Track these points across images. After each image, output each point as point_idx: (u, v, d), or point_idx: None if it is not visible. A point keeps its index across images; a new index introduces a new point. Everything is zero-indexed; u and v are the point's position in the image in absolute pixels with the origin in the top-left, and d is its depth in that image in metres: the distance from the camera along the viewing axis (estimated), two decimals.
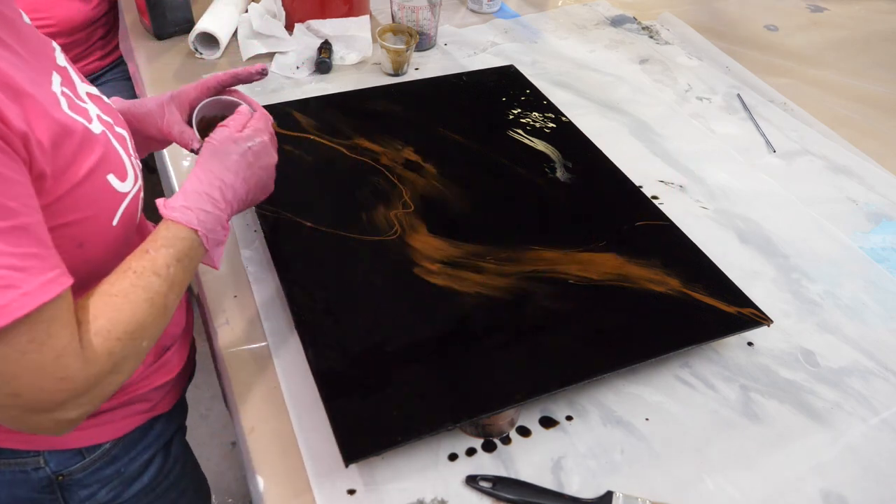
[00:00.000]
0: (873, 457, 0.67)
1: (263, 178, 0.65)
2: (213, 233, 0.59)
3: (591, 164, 0.95)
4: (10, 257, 0.44)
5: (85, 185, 0.52)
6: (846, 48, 1.36)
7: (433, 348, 0.69)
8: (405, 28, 1.18)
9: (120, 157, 0.57)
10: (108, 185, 0.55)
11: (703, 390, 0.71)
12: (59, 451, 0.65)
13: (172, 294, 0.55)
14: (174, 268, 0.55)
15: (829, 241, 0.90)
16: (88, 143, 0.53)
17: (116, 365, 0.51)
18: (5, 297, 0.43)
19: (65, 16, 1.25)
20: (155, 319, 0.54)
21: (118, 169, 0.56)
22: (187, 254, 0.57)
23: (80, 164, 0.52)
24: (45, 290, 0.45)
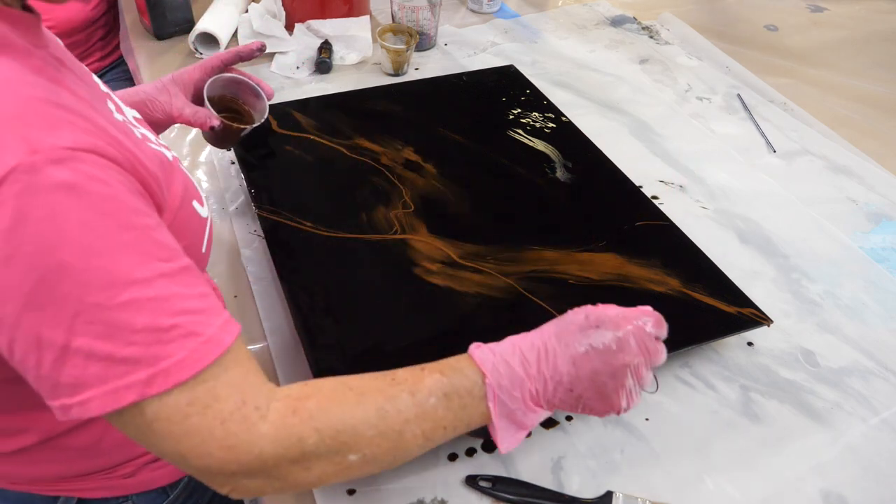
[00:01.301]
0: (873, 457, 0.67)
1: (602, 374, 0.50)
2: (506, 393, 0.49)
3: (591, 164, 0.95)
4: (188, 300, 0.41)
5: (182, 214, 0.51)
6: (846, 48, 1.36)
7: (433, 348, 0.69)
8: (405, 28, 1.18)
9: (193, 183, 0.55)
10: (194, 211, 0.53)
11: (703, 390, 0.71)
12: (147, 493, 0.65)
13: (417, 426, 0.47)
14: (437, 399, 0.48)
15: (829, 241, 0.90)
16: (171, 170, 0.51)
17: (305, 457, 0.44)
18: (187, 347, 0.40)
19: (64, 16, 1.25)
20: (376, 438, 0.46)
21: (196, 193, 0.54)
22: (461, 394, 0.48)
23: (174, 192, 0.50)
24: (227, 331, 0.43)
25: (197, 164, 0.97)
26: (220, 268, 0.82)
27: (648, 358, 0.51)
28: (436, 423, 0.48)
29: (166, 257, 0.42)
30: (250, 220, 0.87)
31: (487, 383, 0.49)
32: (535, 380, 0.50)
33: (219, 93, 0.73)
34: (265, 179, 0.88)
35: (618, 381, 0.51)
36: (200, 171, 0.96)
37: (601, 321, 0.51)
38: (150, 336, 0.40)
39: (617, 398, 0.51)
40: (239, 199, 0.91)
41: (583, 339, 0.50)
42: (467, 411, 0.49)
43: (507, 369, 0.49)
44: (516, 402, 0.49)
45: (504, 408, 0.49)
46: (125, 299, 0.39)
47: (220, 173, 0.95)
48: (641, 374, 0.52)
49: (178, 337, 0.40)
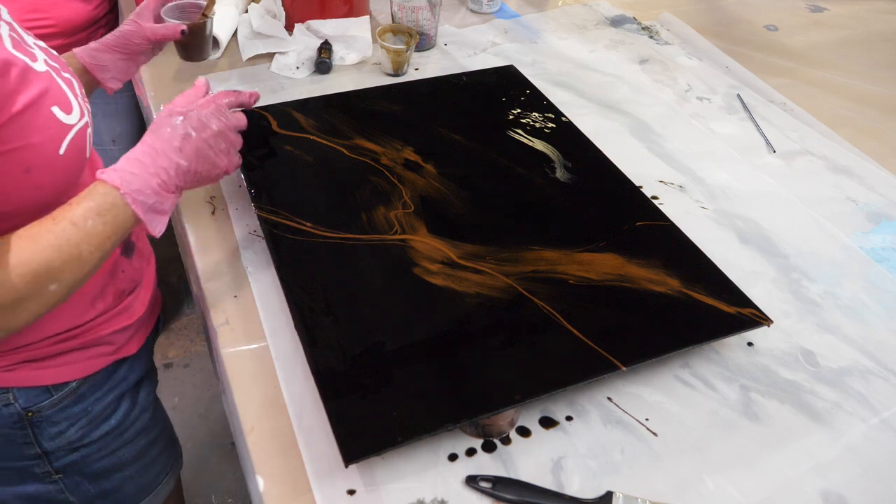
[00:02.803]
0: (873, 457, 0.67)
1: (203, 148, 0.66)
2: (142, 195, 0.61)
3: (591, 164, 0.95)
4: None
5: (28, 114, 0.55)
6: (846, 48, 1.36)
7: (433, 348, 0.69)
8: (405, 28, 1.18)
9: (65, 93, 0.61)
10: (52, 115, 0.58)
11: (703, 390, 0.71)
12: (28, 389, 0.69)
13: (88, 245, 0.58)
14: (93, 221, 0.58)
15: (829, 241, 0.90)
16: (28, 78, 0.56)
17: (17, 302, 0.55)
18: None
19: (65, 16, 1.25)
20: (64, 265, 0.57)
21: (62, 102, 0.59)
22: (109, 210, 0.59)
23: (21, 95, 0.55)
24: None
25: None
26: (221, 268, 0.82)
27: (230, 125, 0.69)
28: (101, 237, 0.59)
29: None
30: (250, 220, 0.87)
31: (123, 193, 0.60)
32: (156, 174, 0.62)
33: (173, 16, 0.94)
34: (265, 179, 0.88)
35: (215, 147, 0.67)
36: None
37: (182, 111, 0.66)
38: None
39: (221, 160, 0.68)
40: (239, 199, 0.91)
41: (177, 128, 0.65)
42: (121, 219, 0.60)
43: (133, 177, 0.61)
44: (150, 196, 0.61)
45: (144, 205, 0.61)
46: None
47: None
48: (230, 138, 0.69)
49: None
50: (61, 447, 0.73)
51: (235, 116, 0.70)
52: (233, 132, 0.69)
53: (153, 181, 0.62)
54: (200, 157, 0.66)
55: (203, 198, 0.91)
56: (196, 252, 0.84)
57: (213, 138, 0.67)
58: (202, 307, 0.81)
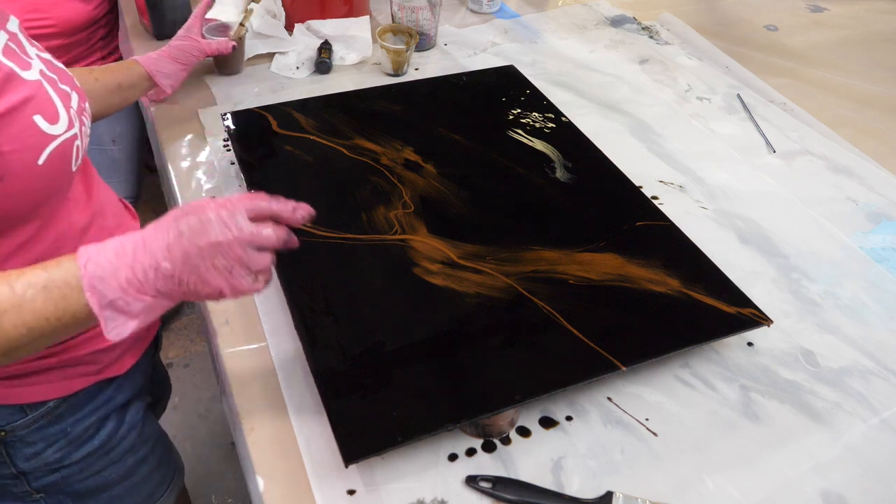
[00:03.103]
0: (873, 457, 0.67)
1: (192, 256, 0.51)
2: (103, 283, 0.50)
3: (591, 164, 0.95)
4: None
5: (4, 120, 0.53)
6: (846, 48, 1.36)
7: (433, 348, 0.69)
8: (405, 28, 1.18)
9: (52, 103, 0.58)
10: (33, 124, 0.55)
11: (703, 390, 0.71)
12: (1, 406, 0.65)
13: (16, 316, 0.49)
14: (34, 292, 0.49)
15: (829, 241, 0.90)
16: (12, 84, 0.54)
17: None
18: None
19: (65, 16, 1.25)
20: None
21: (48, 112, 0.57)
22: (60, 288, 0.49)
23: (0, 100, 0.53)
24: None
25: (197, 165, 0.97)
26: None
27: (242, 238, 0.52)
28: (36, 315, 0.49)
29: None
30: None
31: (83, 274, 0.49)
32: (131, 267, 0.50)
33: (211, 34, 1.10)
34: (265, 179, 0.88)
35: (208, 260, 0.51)
36: (200, 171, 0.96)
37: (193, 209, 0.53)
38: None
39: (214, 278, 0.52)
40: None
41: (175, 225, 0.52)
42: (68, 302, 0.50)
43: (104, 259, 0.50)
44: (115, 290, 0.50)
45: (102, 297, 0.50)
46: None
47: (220, 173, 0.95)
48: (240, 257, 0.52)
49: None
50: (38, 468, 0.70)
51: (257, 229, 0.53)
52: (245, 248, 0.53)
53: (123, 273, 0.50)
54: (188, 266, 0.52)
55: (203, 198, 0.91)
56: None
57: (209, 248, 0.51)
58: (202, 307, 0.81)
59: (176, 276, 0.51)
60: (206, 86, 1.13)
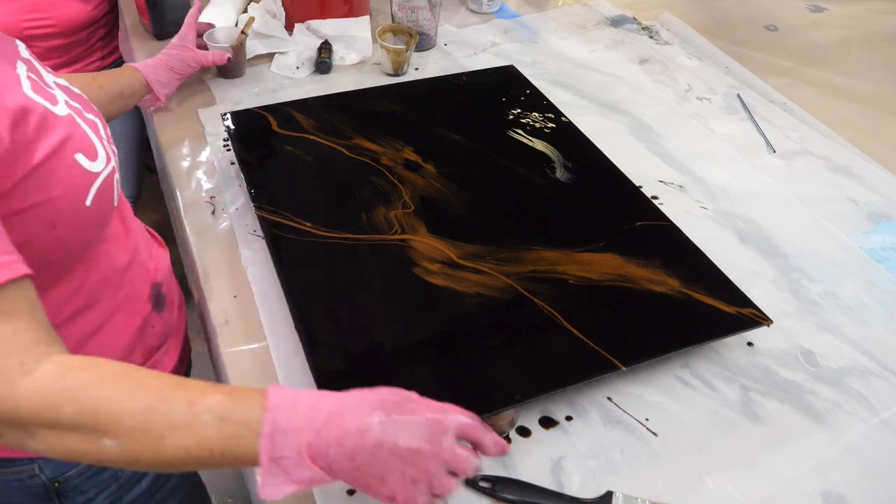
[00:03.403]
0: (873, 457, 0.67)
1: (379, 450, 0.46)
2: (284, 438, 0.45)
3: (591, 164, 0.95)
4: None
5: (49, 165, 0.50)
6: (846, 48, 1.36)
7: (433, 348, 0.69)
8: (405, 28, 1.18)
9: (89, 139, 0.56)
10: (76, 164, 0.53)
11: (703, 390, 0.71)
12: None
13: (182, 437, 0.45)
14: (211, 417, 0.45)
15: (829, 241, 0.90)
16: (49, 124, 0.52)
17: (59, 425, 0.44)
18: None
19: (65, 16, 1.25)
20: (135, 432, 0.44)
21: (87, 149, 0.55)
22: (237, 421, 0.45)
23: (41, 143, 0.50)
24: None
25: (197, 165, 0.97)
26: (221, 268, 0.82)
27: (442, 457, 0.47)
28: (202, 442, 0.45)
29: None
30: (250, 220, 0.87)
31: (267, 419, 0.45)
32: (317, 434, 0.46)
33: (212, 40, 1.10)
34: (265, 179, 0.88)
35: (398, 463, 0.46)
36: (200, 171, 0.96)
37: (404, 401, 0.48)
38: None
39: (394, 483, 0.46)
40: (239, 199, 0.91)
41: (379, 408, 0.47)
42: (239, 441, 0.45)
43: (294, 415, 0.46)
44: (291, 449, 0.45)
45: (277, 451, 0.45)
46: None
47: (220, 173, 0.95)
48: (430, 473, 0.46)
49: None
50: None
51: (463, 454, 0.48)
52: (440, 467, 0.47)
53: (306, 437, 0.45)
54: (375, 459, 0.46)
55: (203, 198, 0.92)
56: (196, 252, 0.84)
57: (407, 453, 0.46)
58: (202, 307, 0.81)
59: (357, 463, 0.46)
60: (206, 86, 1.13)
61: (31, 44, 1.23)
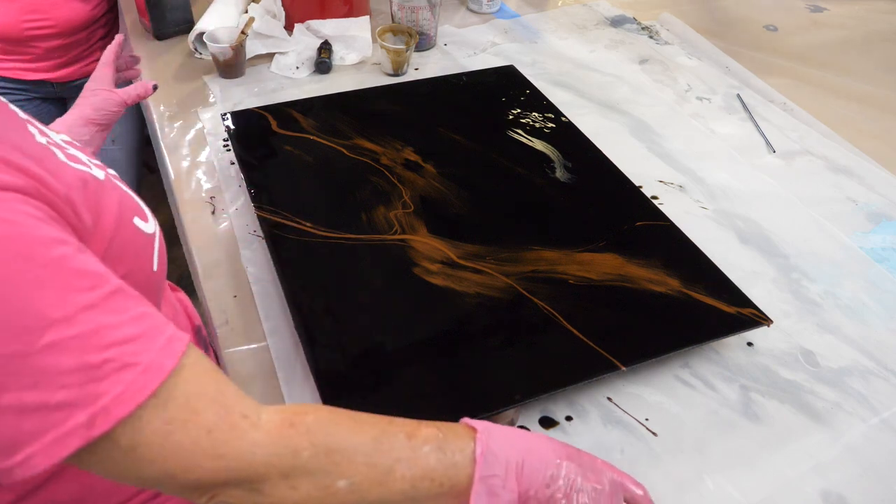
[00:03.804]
0: (873, 457, 0.67)
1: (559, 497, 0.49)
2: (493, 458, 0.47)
3: (591, 164, 0.95)
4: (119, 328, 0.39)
5: (120, 236, 0.48)
6: (846, 48, 1.36)
7: (433, 348, 0.69)
8: (405, 28, 1.18)
9: (131, 197, 0.53)
10: (137, 229, 0.50)
11: (703, 390, 0.71)
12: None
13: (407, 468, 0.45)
14: (430, 448, 0.47)
15: (829, 241, 0.90)
16: (103, 190, 0.48)
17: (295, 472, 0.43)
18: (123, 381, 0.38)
19: (65, 16, 1.25)
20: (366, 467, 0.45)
21: (137, 209, 0.52)
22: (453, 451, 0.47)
23: (106, 214, 0.47)
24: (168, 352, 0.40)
25: (197, 165, 0.97)
26: (221, 268, 0.82)
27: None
28: (425, 472, 0.46)
29: (89, 286, 0.39)
30: (250, 220, 0.87)
31: (479, 438, 0.48)
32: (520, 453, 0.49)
33: (212, 39, 1.08)
34: (265, 179, 0.88)
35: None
36: (200, 171, 0.96)
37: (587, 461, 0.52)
38: (82, 376, 0.37)
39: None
40: (239, 199, 0.91)
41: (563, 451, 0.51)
42: (455, 469, 0.47)
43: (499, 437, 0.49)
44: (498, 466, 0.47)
45: (487, 469, 0.47)
46: (47, 342, 0.37)
47: (220, 173, 0.95)
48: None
49: (112, 371, 0.38)
50: None
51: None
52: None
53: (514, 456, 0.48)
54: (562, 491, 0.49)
55: (203, 198, 0.92)
56: (196, 252, 0.84)
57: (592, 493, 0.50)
58: (202, 307, 0.81)
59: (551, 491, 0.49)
60: (206, 86, 1.13)
61: (30, 44, 1.24)
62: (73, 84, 1.39)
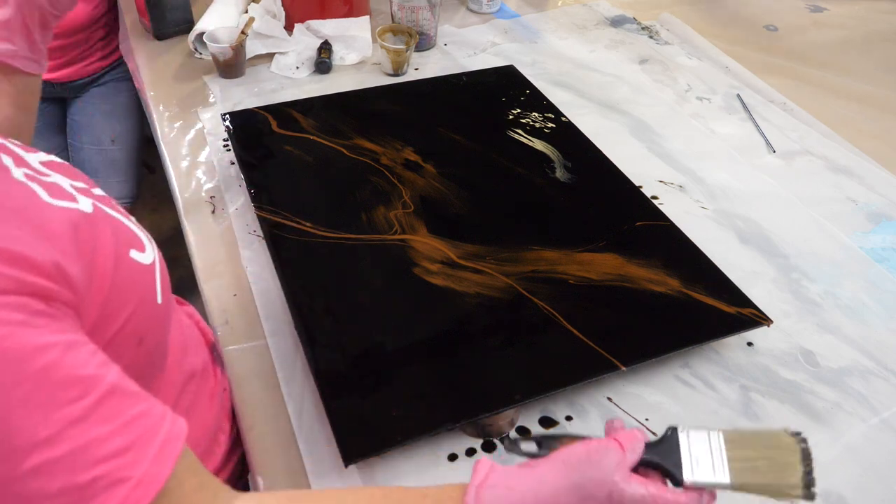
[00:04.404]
0: (873, 457, 0.66)
1: None
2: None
3: (591, 164, 0.95)
4: (108, 441, 0.36)
5: (119, 276, 0.45)
6: (846, 48, 1.36)
7: (433, 348, 0.69)
8: (405, 28, 1.18)
9: (126, 226, 0.49)
10: (135, 263, 0.47)
11: (703, 390, 0.71)
12: None
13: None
14: None
15: (829, 241, 0.90)
16: (95, 229, 0.45)
17: None
18: (115, 497, 0.36)
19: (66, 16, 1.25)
20: None
21: (133, 239, 0.49)
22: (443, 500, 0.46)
23: (102, 256, 0.44)
24: (161, 461, 0.38)
25: (197, 165, 0.97)
26: (221, 268, 0.82)
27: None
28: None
29: (78, 395, 0.36)
30: (250, 220, 0.87)
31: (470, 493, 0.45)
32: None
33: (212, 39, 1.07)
34: (265, 179, 0.88)
35: None
36: (200, 171, 0.96)
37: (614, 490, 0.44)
38: (70, 497, 0.35)
39: None
40: (239, 199, 0.91)
41: None
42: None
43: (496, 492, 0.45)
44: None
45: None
46: (31, 466, 0.35)
47: (220, 173, 0.95)
48: None
49: (101, 490, 0.36)
50: None
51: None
52: None
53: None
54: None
55: (203, 198, 0.92)
56: (196, 252, 0.84)
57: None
58: (202, 307, 0.81)
59: None
60: (206, 86, 1.13)
61: None
62: (74, 84, 1.39)
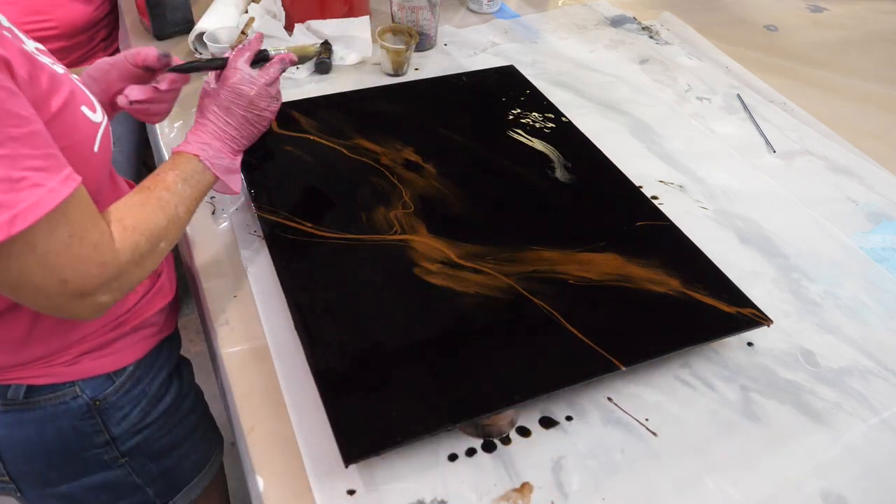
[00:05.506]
0: (873, 457, 0.67)
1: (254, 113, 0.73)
2: (216, 159, 0.70)
3: (591, 164, 0.95)
4: (33, 159, 0.50)
5: (63, 116, 0.57)
6: (846, 48, 1.36)
7: (433, 348, 0.69)
8: (405, 28, 1.18)
9: (85, 93, 0.63)
10: (83, 115, 0.60)
11: (703, 390, 0.71)
12: (92, 379, 0.72)
13: (182, 206, 0.65)
14: (181, 185, 0.66)
15: (829, 241, 0.90)
16: (57, 81, 0.57)
17: (142, 258, 0.60)
18: (35, 195, 0.50)
19: (66, 18, 1.25)
20: (169, 225, 0.63)
21: (87, 101, 0.62)
22: (192, 175, 0.68)
23: (54, 98, 0.56)
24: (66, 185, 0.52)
25: None
26: (221, 268, 0.82)
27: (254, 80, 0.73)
28: (190, 200, 0.67)
29: (15, 124, 0.49)
30: (250, 220, 0.87)
31: (202, 159, 0.69)
32: (224, 140, 0.72)
33: None
34: (265, 179, 0.88)
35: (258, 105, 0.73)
36: None
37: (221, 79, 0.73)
38: (5, 185, 0.48)
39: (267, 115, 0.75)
40: (239, 199, 0.91)
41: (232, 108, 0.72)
42: (203, 182, 0.69)
43: (207, 145, 0.70)
44: (223, 159, 0.71)
45: (221, 168, 0.70)
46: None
47: None
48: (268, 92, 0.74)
49: (27, 187, 0.49)
50: (126, 430, 0.76)
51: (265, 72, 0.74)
52: (264, 87, 0.74)
53: (224, 147, 0.71)
54: (253, 120, 0.73)
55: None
56: (196, 252, 0.84)
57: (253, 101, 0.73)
58: (202, 307, 0.81)
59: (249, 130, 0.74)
60: None
61: None
62: None
